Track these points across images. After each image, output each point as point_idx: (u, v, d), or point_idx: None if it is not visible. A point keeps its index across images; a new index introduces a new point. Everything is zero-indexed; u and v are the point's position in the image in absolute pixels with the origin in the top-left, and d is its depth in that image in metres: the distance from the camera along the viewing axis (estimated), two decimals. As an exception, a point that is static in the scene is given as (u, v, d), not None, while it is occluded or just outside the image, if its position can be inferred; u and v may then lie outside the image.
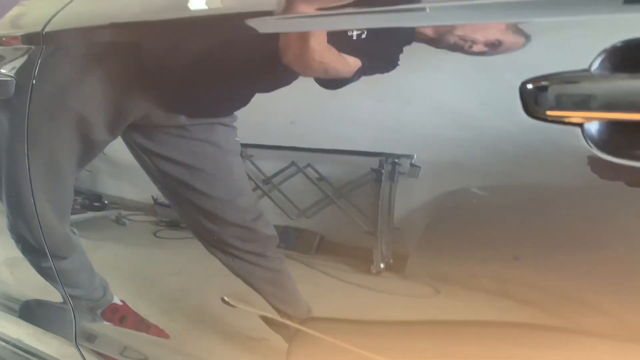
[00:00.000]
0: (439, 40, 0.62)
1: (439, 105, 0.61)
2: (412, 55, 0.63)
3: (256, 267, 0.83)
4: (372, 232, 0.67)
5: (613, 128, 0.52)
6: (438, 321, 0.65)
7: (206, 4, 0.85)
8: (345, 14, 0.69)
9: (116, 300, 1.07)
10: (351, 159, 0.68)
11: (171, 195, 0.91)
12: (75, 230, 1.08)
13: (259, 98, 0.77)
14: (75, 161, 1.02)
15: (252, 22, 0.76)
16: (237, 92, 0.80)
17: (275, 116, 0.76)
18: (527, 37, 0.56)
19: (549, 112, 0.53)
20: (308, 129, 0.72)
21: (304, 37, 0.72)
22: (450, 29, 0.60)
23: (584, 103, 0.52)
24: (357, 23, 0.68)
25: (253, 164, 0.77)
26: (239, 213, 0.84)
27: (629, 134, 0.52)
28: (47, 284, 1.15)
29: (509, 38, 0.58)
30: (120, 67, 0.93)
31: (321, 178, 0.70)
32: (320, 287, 0.75)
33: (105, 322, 1.11)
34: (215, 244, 0.84)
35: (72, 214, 1.06)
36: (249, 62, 0.79)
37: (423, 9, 0.63)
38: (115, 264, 1.06)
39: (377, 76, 0.66)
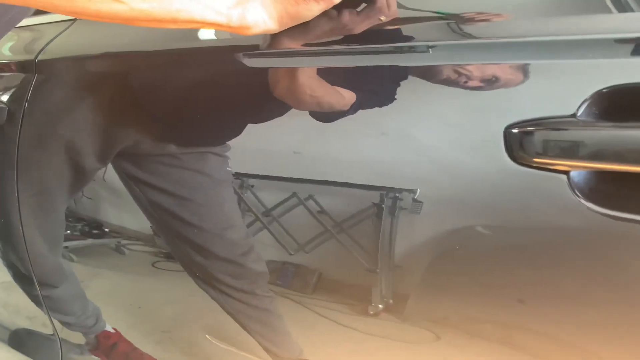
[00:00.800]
0: (435, 75, 0.61)
1: (437, 142, 0.60)
2: (410, 88, 0.62)
3: (244, 305, 0.79)
4: (372, 270, 0.65)
5: (599, 177, 0.51)
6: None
7: (197, 36, 0.85)
8: (337, 53, 0.68)
9: (108, 328, 1.06)
10: (353, 192, 0.66)
11: (160, 225, 0.88)
12: (73, 256, 1.06)
13: (259, 128, 0.75)
14: (66, 189, 1.00)
15: (242, 56, 0.75)
16: (229, 122, 0.79)
17: (278, 147, 0.74)
18: (523, 78, 0.56)
19: (535, 159, 0.52)
20: (311, 161, 0.70)
21: (292, 71, 0.70)
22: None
23: (570, 151, 0.50)
24: (353, 61, 0.67)
25: (254, 194, 0.75)
26: (227, 247, 0.81)
27: (615, 184, 0.50)
28: (38, 312, 1.13)
29: (505, 75, 0.57)
30: (111, 96, 0.92)
31: (322, 211, 0.68)
32: (315, 328, 0.72)
33: (93, 357, 1.10)
34: (204, 278, 0.81)
35: (72, 240, 1.05)
36: (242, 93, 0.78)
37: (426, 50, 0.62)
38: (111, 292, 1.05)
39: (376, 110, 0.65)
